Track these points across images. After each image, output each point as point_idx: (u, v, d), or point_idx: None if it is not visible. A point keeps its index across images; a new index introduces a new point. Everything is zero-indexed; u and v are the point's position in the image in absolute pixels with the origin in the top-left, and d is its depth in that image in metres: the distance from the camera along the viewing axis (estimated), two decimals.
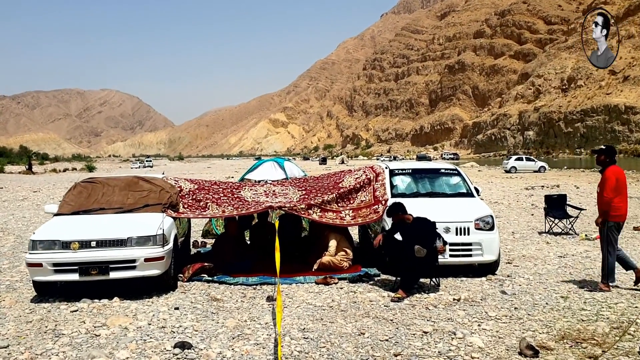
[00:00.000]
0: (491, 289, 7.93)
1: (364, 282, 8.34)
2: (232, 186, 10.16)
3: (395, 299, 7.28)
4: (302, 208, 9.01)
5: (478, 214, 8.68)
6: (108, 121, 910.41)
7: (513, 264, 9.68)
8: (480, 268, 8.84)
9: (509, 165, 53.76)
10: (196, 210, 9.10)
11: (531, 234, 13.16)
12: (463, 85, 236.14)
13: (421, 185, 9.77)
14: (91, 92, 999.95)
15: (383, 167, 10.21)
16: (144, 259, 7.47)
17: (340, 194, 9.55)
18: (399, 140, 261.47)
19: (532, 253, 10.76)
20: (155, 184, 9.19)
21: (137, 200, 8.80)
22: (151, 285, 7.91)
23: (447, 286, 8.12)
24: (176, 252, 8.55)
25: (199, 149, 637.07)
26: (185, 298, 7.60)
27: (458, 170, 10.18)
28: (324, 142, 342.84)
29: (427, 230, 7.74)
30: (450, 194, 9.64)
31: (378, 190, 9.63)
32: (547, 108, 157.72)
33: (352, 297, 7.49)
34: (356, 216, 9.29)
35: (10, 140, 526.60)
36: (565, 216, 13.25)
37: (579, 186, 30.25)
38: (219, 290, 8.02)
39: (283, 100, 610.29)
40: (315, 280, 8.37)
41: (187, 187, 9.68)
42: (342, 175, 10.33)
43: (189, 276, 8.62)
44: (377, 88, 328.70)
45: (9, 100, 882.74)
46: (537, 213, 17.54)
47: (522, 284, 8.19)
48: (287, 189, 10.13)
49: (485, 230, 8.61)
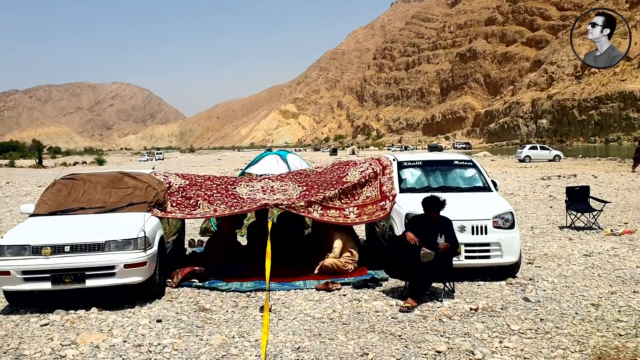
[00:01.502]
0: (512, 296, 7.08)
1: (369, 287, 7.52)
2: (226, 182, 9.38)
3: (404, 309, 6.45)
4: (301, 206, 8.19)
5: (496, 211, 7.82)
6: (119, 114, 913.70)
7: (535, 265, 8.81)
8: (499, 270, 7.99)
9: (523, 155, 52.56)
10: (185, 209, 8.32)
11: (552, 229, 12.26)
12: (475, 74, 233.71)
13: (433, 178, 8.90)
14: (102, 85, 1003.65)
15: (390, 159, 9.36)
16: (124, 265, 6.70)
17: (344, 190, 8.72)
18: (410, 130, 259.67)
19: (554, 251, 9.89)
20: (141, 180, 8.42)
21: (121, 199, 8.03)
22: (136, 292, 7.16)
23: (463, 292, 7.28)
24: (163, 255, 7.79)
25: (210, 141, 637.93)
26: (170, 308, 6.83)
27: (473, 161, 9.30)
28: (334, 133, 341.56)
29: (443, 230, 6.89)
30: (464, 188, 8.78)
31: (385, 184, 8.79)
32: (560, 95, 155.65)
33: (355, 307, 6.68)
34: (361, 214, 8.46)
35: (23, 134, 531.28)
36: (588, 209, 12.32)
37: (597, 175, 29.16)
38: (209, 298, 7.24)
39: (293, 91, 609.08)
40: (316, 286, 7.57)
41: (178, 183, 8.91)
42: (346, 169, 9.51)
43: (178, 282, 7.85)
44: (388, 77, 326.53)
45: (21, 94, 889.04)
46: (556, 205, 16.61)
47: (546, 289, 7.33)
48: (286, 184, 9.33)
49: (505, 228, 7.76)
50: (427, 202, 6.95)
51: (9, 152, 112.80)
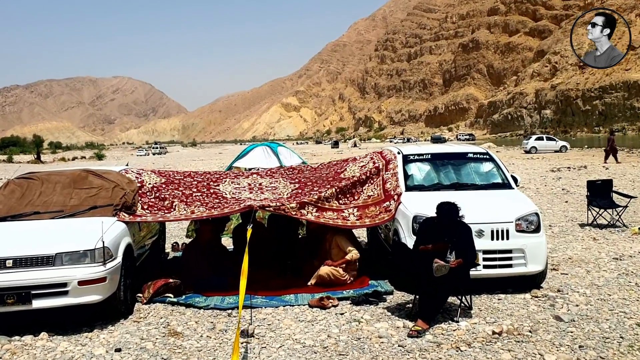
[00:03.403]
0: (541, 313, 5.98)
1: (371, 304, 6.40)
2: (209, 179, 8.27)
3: (414, 334, 5.35)
4: (293, 207, 7.07)
5: (519, 212, 6.70)
6: (121, 108, 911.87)
7: (560, 271, 7.70)
8: (521, 279, 6.87)
9: (529, 146, 51.26)
10: (158, 211, 7.22)
11: (572, 227, 11.13)
12: (477, 64, 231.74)
13: (444, 174, 7.75)
14: (103, 80, 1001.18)
15: (395, 153, 8.22)
16: (78, 282, 5.62)
17: (342, 188, 7.61)
18: (413, 121, 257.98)
19: (579, 254, 8.78)
20: (108, 179, 7.32)
21: (83, 201, 6.94)
22: (100, 311, 6.09)
23: (482, 308, 6.18)
24: (131, 267, 6.70)
25: (212, 135, 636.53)
26: (135, 332, 5.74)
27: (489, 154, 8.15)
28: (336, 125, 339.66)
29: (459, 239, 5.78)
30: (481, 185, 7.64)
31: (389, 182, 7.66)
32: (564, 86, 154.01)
33: (355, 330, 5.57)
34: (362, 216, 7.35)
35: (25, 129, 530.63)
36: (611, 205, 11.20)
37: (608, 167, 27.98)
38: (183, 319, 6.14)
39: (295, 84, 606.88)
40: (309, 302, 6.46)
41: (152, 181, 7.81)
42: (344, 164, 8.39)
43: (150, 297, 6.76)
44: (390, 69, 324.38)
45: (22, 89, 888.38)
46: (571, 199, 15.49)
47: (579, 304, 6.22)
48: (276, 181, 8.22)
49: (529, 232, 6.64)
50: (443, 210, 5.82)
51: (9, 147, 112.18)
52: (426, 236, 5.96)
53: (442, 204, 5.82)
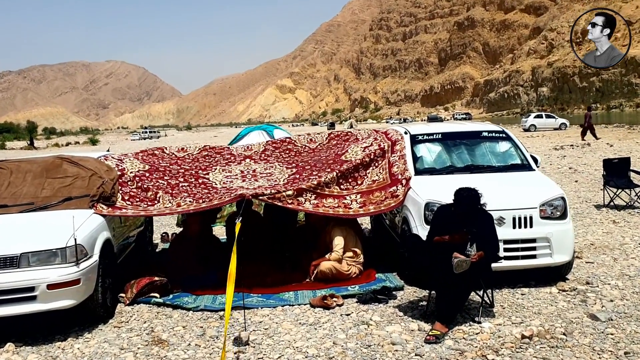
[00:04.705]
0: (572, 310, 5.31)
1: (380, 302, 5.72)
2: (197, 167, 7.53)
3: (432, 339, 4.67)
4: (289, 195, 6.36)
5: (544, 196, 6.00)
6: (115, 93, 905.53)
7: (585, 260, 7.03)
8: (545, 270, 6.19)
9: (528, 124, 50.48)
10: (140, 203, 6.50)
11: (588, 209, 10.47)
12: (473, 42, 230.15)
13: (456, 156, 7.01)
14: (96, 64, 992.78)
15: (401, 133, 7.48)
16: (47, 286, 4.92)
17: (344, 172, 6.88)
18: (409, 102, 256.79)
19: (602, 240, 8.11)
20: (84, 167, 6.58)
21: (56, 192, 6.21)
22: (77, 314, 5.41)
23: (504, 306, 5.51)
24: (111, 264, 6.00)
25: (207, 118, 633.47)
26: (114, 339, 5.06)
27: (506, 132, 7.42)
28: (332, 107, 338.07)
29: (480, 229, 5.08)
30: (498, 167, 6.92)
31: (396, 165, 6.94)
32: (560, 63, 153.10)
33: (364, 335, 4.88)
34: (366, 202, 6.64)
35: (18, 115, 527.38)
36: (629, 185, 10.51)
37: (612, 144, 27.28)
38: (169, 323, 5.45)
39: (289, 65, 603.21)
40: (311, 301, 5.78)
41: (134, 168, 7.07)
42: (345, 145, 7.65)
43: (133, 297, 6.07)
44: (385, 49, 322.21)
45: (14, 75, 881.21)
46: (581, 179, 14.84)
47: (614, 299, 5.55)
48: (272, 166, 7.49)
49: (555, 218, 5.96)
50: (463, 197, 5.09)
51: (3, 134, 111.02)
52: (442, 226, 5.26)
53: (461, 190, 5.11)
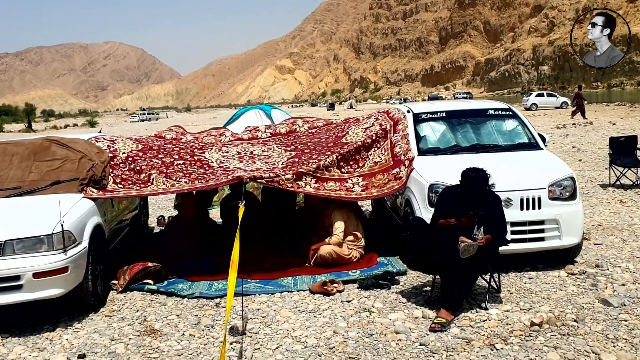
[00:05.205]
0: (582, 295, 5.09)
1: (382, 288, 5.50)
2: (193, 145, 7.28)
3: (437, 327, 4.46)
4: (289, 179, 6.11)
5: (552, 176, 5.75)
6: (114, 74, 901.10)
7: (592, 241, 6.81)
8: (552, 252, 5.96)
9: (529, 102, 50.00)
10: (132, 185, 6.25)
11: (593, 189, 10.23)
12: (474, 21, 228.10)
13: (461, 135, 6.74)
14: (94, 45, 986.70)
15: (404, 112, 7.21)
16: (33, 274, 4.69)
17: (344, 155, 6.64)
18: (409, 81, 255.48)
19: (609, 220, 7.88)
20: (74, 149, 6.31)
21: (44, 175, 5.96)
22: (67, 302, 5.20)
23: (512, 291, 5.29)
24: (102, 250, 5.77)
25: (206, 100, 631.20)
26: (105, 329, 4.85)
27: (513, 110, 7.14)
28: (331, 87, 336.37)
29: (490, 211, 4.84)
30: (505, 146, 6.64)
31: (398, 145, 6.68)
32: (562, 41, 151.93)
33: (365, 324, 4.67)
34: (369, 185, 6.40)
35: (17, 98, 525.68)
36: (636, 164, 10.26)
37: (614, 122, 26.97)
38: (163, 311, 5.23)
39: (288, 45, 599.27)
40: (310, 287, 5.56)
41: (127, 148, 6.82)
42: (345, 127, 7.38)
43: (126, 284, 5.85)
44: (385, 28, 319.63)
45: (12, 57, 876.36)
46: (585, 158, 14.61)
47: (626, 283, 5.33)
48: (270, 148, 7.24)
49: (564, 199, 5.73)
50: (470, 177, 4.83)
51: (1, 116, 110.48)
52: (447, 208, 5.02)
53: (468, 171, 4.86)
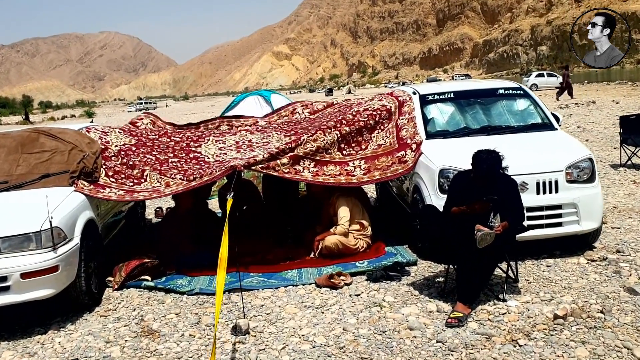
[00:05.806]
0: (606, 283, 4.79)
1: (392, 279, 5.20)
2: (189, 137, 6.96)
3: (454, 322, 4.17)
4: (284, 164, 5.79)
5: (570, 158, 5.43)
6: (110, 64, 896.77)
7: (610, 224, 6.52)
8: (569, 238, 5.66)
9: (530, 83, 49.44)
10: (125, 180, 5.94)
11: (604, 169, 9.92)
12: (471, 2, 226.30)
13: (471, 116, 6.40)
14: (90, 36, 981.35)
15: (409, 93, 6.88)
16: (21, 275, 4.40)
17: (345, 136, 6.31)
18: (407, 65, 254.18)
19: (624, 202, 7.59)
20: (63, 140, 5.99)
21: (33, 168, 5.64)
22: (60, 302, 4.91)
23: (530, 280, 5.00)
24: (96, 247, 5.46)
25: (204, 88, 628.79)
26: (100, 331, 4.56)
27: (523, 89, 6.82)
28: (329, 73, 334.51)
29: (506, 197, 4.52)
30: (517, 127, 6.31)
31: (404, 128, 6.36)
32: (560, 20, 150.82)
33: (377, 320, 4.38)
34: (371, 169, 6.08)
35: (14, 90, 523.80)
36: None
37: (617, 101, 26.58)
38: (161, 310, 4.95)
39: (285, 31, 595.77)
40: (316, 281, 5.27)
41: (120, 142, 6.50)
42: (347, 108, 7.04)
43: (122, 281, 5.56)
44: (382, 11, 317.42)
45: (7, 49, 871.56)
46: (591, 137, 14.27)
47: None
48: (269, 135, 6.90)
49: (582, 182, 5.41)
50: (482, 160, 4.49)
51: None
52: (460, 195, 4.71)
53: (480, 152, 4.54)
